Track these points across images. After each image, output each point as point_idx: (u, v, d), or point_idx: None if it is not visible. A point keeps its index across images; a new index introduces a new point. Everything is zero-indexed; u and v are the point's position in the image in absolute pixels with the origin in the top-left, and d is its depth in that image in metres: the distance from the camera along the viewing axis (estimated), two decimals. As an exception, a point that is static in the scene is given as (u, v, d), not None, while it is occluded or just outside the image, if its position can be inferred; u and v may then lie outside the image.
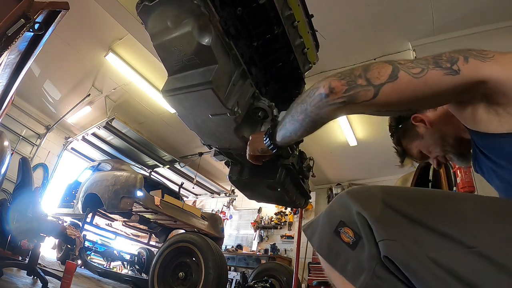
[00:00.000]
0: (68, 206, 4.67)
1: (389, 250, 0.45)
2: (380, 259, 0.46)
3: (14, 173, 2.85)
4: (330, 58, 3.74)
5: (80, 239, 2.74)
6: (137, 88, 4.96)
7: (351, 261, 0.48)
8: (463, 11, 2.89)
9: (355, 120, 4.95)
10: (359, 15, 3.17)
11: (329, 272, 0.54)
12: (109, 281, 3.67)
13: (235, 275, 6.03)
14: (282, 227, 7.20)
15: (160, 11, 0.80)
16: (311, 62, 1.22)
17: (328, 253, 0.52)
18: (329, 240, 0.51)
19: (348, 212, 0.52)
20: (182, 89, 0.88)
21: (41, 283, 2.21)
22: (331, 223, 0.52)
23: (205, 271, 2.66)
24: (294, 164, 1.25)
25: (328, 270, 0.54)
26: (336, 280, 0.52)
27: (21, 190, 2.43)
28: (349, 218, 0.51)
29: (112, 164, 4.38)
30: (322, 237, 0.54)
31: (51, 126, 6.36)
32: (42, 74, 5.11)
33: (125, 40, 4.09)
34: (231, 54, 0.86)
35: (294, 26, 1.03)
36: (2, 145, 2.06)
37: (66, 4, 1.58)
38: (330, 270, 0.53)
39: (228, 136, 1.04)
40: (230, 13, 0.91)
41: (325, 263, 0.53)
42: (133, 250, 5.55)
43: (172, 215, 3.73)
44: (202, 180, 7.56)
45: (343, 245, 0.49)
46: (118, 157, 6.61)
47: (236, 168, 1.31)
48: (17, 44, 1.49)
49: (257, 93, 0.99)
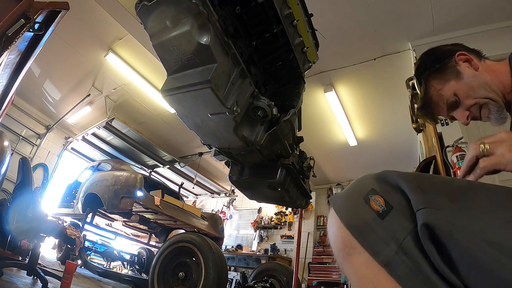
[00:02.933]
0: (68, 206, 4.67)
1: (431, 217, 0.39)
2: (412, 231, 0.40)
3: (14, 173, 2.85)
4: (330, 58, 3.74)
5: (80, 239, 2.74)
6: (137, 88, 4.96)
7: (377, 231, 0.42)
8: (463, 11, 2.89)
9: (355, 120, 4.95)
10: (359, 15, 3.17)
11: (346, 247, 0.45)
12: (109, 281, 3.66)
13: (235, 275, 6.02)
14: (282, 227, 7.20)
15: (159, 11, 0.80)
16: (311, 61, 1.22)
17: (353, 220, 0.44)
18: (358, 206, 0.45)
19: (382, 182, 0.46)
20: (181, 88, 0.88)
21: (41, 283, 2.21)
22: (360, 190, 0.46)
23: (205, 271, 2.66)
24: (294, 164, 1.25)
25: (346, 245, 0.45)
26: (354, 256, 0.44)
27: (21, 190, 2.43)
28: (383, 187, 0.45)
29: (112, 164, 4.38)
30: (348, 204, 0.47)
31: (51, 126, 6.36)
32: (42, 74, 5.11)
33: (125, 40, 4.09)
34: (230, 53, 0.86)
35: (293, 25, 1.03)
36: (2, 145, 2.06)
37: (66, 4, 1.58)
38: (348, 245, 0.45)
39: (227, 136, 1.03)
40: (229, 12, 0.91)
41: (345, 236, 0.45)
42: (133, 250, 5.54)
43: (172, 215, 3.73)
44: (202, 180, 7.56)
45: (371, 212, 0.43)
46: (118, 157, 6.61)
47: (236, 168, 1.31)
48: (17, 44, 1.49)
49: (256, 92, 0.98)
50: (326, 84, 4.23)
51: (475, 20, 2.91)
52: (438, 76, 0.93)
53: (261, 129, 1.05)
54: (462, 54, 0.92)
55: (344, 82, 4.20)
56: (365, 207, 0.44)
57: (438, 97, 0.94)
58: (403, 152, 5.25)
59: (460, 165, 1.77)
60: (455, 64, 0.91)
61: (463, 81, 0.89)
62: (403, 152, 5.27)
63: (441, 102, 0.94)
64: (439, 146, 2.19)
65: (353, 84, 4.24)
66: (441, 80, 0.92)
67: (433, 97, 0.95)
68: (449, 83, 0.91)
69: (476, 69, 0.89)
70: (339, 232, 0.46)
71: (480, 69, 0.89)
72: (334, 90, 4.27)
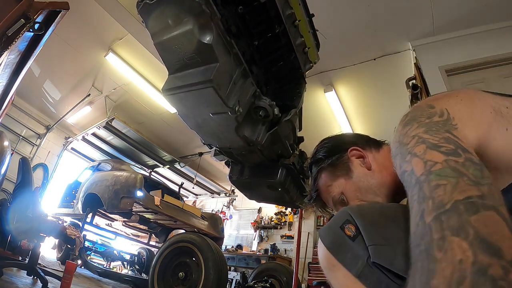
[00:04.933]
0: (68, 206, 4.67)
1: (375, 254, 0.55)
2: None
3: (14, 173, 2.85)
4: (330, 58, 3.74)
5: (80, 239, 2.74)
6: (137, 88, 4.96)
7: (350, 250, 0.57)
8: (463, 11, 2.89)
9: (355, 120, 4.95)
10: (359, 15, 3.17)
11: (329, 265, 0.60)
12: (109, 281, 3.66)
13: (235, 275, 6.02)
14: (282, 227, 7.20)
15: (161, 10, 0.80)
16: (312, 62, 1.22)
17: (332, 244, 0.60)
18: (335, 233, 0.60)
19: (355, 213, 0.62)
20: (183, 87, 0.87)
21: (41, 283, 2.21)
22: (338, 221, 0.61)
23: (205, 271, 2.66)
24: (295, 164, 1.25)
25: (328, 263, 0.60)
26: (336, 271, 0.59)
27: (21, 190, 2.43)
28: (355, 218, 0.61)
29: (112, 164, 4.37)
30: (329, 231, 0.62)
31: (51, 126, 6.36)
32: (42, 74, 5.10)
33: (125, 40, 4.08)
34: (232, 52, 0.86)
35: (295, 25, 1.03)
36: (2, 145, 2.06)
37: (66, 4, 1.58)
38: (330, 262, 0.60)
39: (228, 136, 1.03)
40: (231, 12, 0.91)
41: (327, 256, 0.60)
42: (133, 250, 5.54)
43: (172, 215, 3.73)
44: (202, 180, 7.56)
45: (345, 237, 0.58)
46: (118, 157, 6.61)
47: (236, 168, 1.31)
48: (17, 44, 1.49)
49: (258, 92, 0.98)
50: (326, 84, 4.23)
51: (475, 20, 2.91)
52: (329, 170, 0.88)
53: (262, 129, 1.05)
54: (355, 149, 0.86)
55: (344, 82, 4.20)
56: (341, 233, 0.59)
57: (326, 193, 0.90)
58: (403, 152, 5.24)
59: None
60: (346, 160, 0.86)
61: (351, 180, 0.84)
62: (403, 152, 5.26)
63: (329, 197, 0.89)
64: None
65: (353, 84, 4.24)
66: (332, 175, 0.87)
67: (322, 191, 0.91)
68: (338, 180, 0.86)
69: (368, 167, 0.83)
70: (323, 253, 0.61)
71: (373, 167, 0.83)
72: (334, 90, 4.27)
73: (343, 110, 4.66)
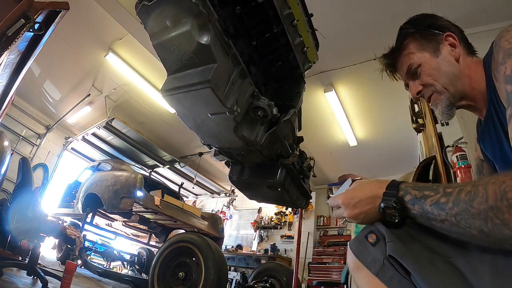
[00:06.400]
0: (68, 206, 4.68)
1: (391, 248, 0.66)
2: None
3: (14, 173, 2.85)
4: (330, 58, 3.75)
5: (80, 239, 2.74)
6: (137, 88, 4.96)
7: (371, 254, 0.69)
8: (463, 11, 2.89)
9: (355, 120, 4.95)
10: (359, 15, 3.17)
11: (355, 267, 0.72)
12: (109, 281, 3.66)
13: (235, 275, 6.03)
14: (282, 227, 7.20)
15: (159, 11, 0.80)
16: (311, 61, 1.21)
17: (357, 249, 0.72)
18: (360, 242, 0.73)
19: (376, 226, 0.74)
20: (181, 88, 0.87)
21: (41, 283, 2.21)
22: (364, 232, 0.74)
23: (205, 271, 2.66)
24: (294, 164, 1.24)
25: (354, 266, 0.72)
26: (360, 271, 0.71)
27: (21, 190, 2.43)
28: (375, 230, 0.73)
29: (112, 164, 4.38)
30: (356, 240, 0.75)
31: (51, 126, 6.36)
32: (42, 74, 5.11)
33: (125, 40, 4.09)
34: (230, 53, 0.86)
35: (293, 25, 1.03)
36: (2, 145, 2.06)
37: (66, 4, 1.58)
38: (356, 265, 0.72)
39: (227, 136, 1.03)
40: (229, 12, 0.91)
41: (353, 259, 0.72)
42: (133, 250, 5.55)
43: (172, 215, 3.73)
44: (202, 180, 7.56)
45: (367, 243, 0.71)
46: (118, 157, 6.62)
47: (236, 168, 1.31)
48: (17, 44, 1.49)
49: (256, 92, 0.98)
50: (326, 84, 4.23)
51: (475, 20, 2.91)
52: (418, 40, 0.91)
53: (261, 129, 1.05)
54: (451, 36, 0.88)
55: (344, 82, 4.20)
56: (364, 241, 0.72)
57: (405, 57, 0.93)
58: (403, 152, 5.24)
59: (460, 165, 1.77)
60: (440, 41, 0.88)
61: (435, 59, 0.87)
62: (403, 152, 5.26)
63: (405, 63, 0.93)
64: (439, 146, 2.19)
65: (353, 84, 4.24)
66: (419, 45, 0.90)
67: (402, 54, 0.94)
68: (423, 52, 0.89)
69: (455, 57, 0.86)
70: (350, 257, 0.73)
71: (460, 59, 0.85)
72: (334, 90, 4.27)
73: (343, 110, 4.66)
